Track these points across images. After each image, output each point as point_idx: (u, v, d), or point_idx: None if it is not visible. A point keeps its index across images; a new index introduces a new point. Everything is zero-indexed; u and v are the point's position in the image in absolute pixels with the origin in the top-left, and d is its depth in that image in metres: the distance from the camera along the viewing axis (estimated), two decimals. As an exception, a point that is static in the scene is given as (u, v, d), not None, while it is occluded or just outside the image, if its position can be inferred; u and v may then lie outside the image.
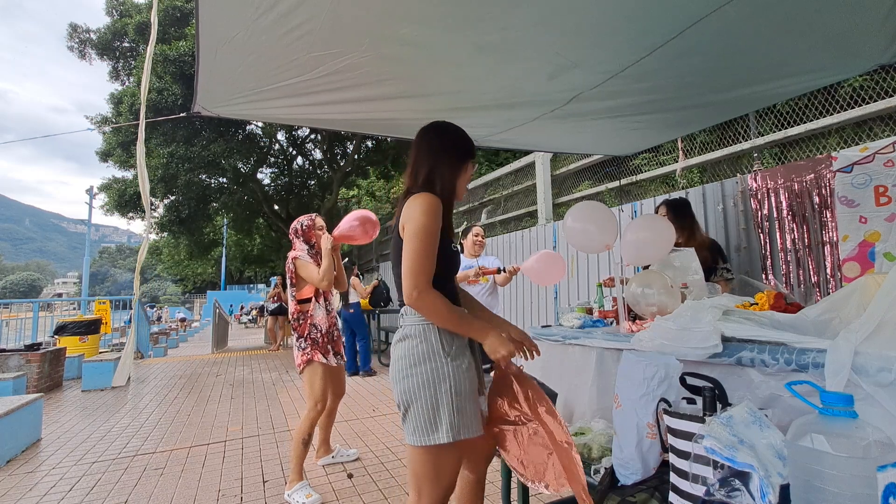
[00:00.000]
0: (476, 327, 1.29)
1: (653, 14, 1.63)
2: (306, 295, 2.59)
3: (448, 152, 1.39)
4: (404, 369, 1.27)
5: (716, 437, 0.89)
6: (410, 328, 1.30)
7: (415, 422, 1.24)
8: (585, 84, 2.17)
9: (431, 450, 1.24)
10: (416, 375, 1.25)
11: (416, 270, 1.23)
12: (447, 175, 1.38)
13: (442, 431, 1.21)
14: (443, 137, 1.42)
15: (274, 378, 6.14)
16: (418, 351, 1.27)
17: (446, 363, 1.25)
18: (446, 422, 1.22)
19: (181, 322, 19.06)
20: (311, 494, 2.39)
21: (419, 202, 1.28)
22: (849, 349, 1.07)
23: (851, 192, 2.42)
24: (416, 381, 1.25)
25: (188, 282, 35.31)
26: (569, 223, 2.26)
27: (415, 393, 1.24)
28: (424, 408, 1.23)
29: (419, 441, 1.24)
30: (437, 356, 1.26)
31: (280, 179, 13.62)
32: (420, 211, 1.26)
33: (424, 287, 1.23)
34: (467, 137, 1.45)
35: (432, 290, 1.24)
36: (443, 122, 1.45)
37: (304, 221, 2.68)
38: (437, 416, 1.22)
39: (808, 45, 1.90)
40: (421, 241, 1.24)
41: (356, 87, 2.07)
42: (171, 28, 9.87)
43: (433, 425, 1.22)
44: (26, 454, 3.28)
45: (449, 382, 1.24)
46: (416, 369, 1.25)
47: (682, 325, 1.46)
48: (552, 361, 2.18)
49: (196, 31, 1.60)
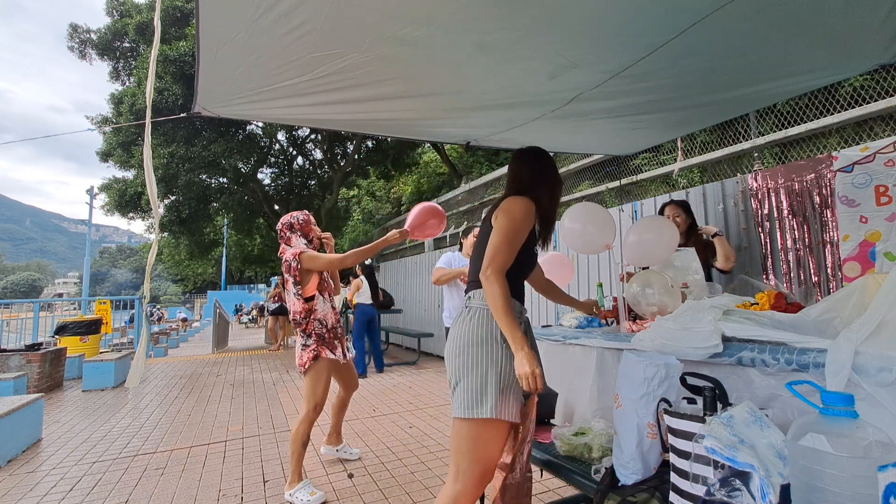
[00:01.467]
0: (517, 335, 1.32)
1: (653, 14, 1.63)
2: (311, 292, 2.55)
3: (552, 172, 1.59)
4: (462, 346, 1.39)
5: (716, 437, 0.89)
6: (475, 311, 1.43)
7: (463, 395, 1.35)
8: (586, 84, 2.17)
9: (475, 423, 1.33)
10: (472, 355, 1.37)
11: (495, 255, 1.37)
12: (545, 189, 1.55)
13: (487, 407, 1.31)
14: (548, 160, 1.61)
15: (274, 378, 6.14)
16: (477, 333, 1.39)
17: (500, 349, 1.36)
18: (491, 399, 1.32)
19: (182, 322, 19.07)
20: (314, 492, 2.39)
21: (517, 200, 1.45)
22: (849, 349, 1.07)
23: (852, 192, 2.41)
24: (471, 360, 1.36)
25: (188, 282, 35.31)
26: (566, 224, 2.26)
27: (468, 369, 1.36)
28: (474, 384, 1.34)
29: (465, 413, 1.33)
30: (493, 341, 1.37)
31: (280, 179, 13.63)
32: (517, 206, 1.43)
33: (498, 271, 1.36)
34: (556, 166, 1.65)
35: (503, 278, 1.36)
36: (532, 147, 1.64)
37: (300, 217, 2.67)
38: (485, 393, 1.32)
39: (809, 44, 1.90)
40: (508, 233, 1.39)
41: (356, 88, 2.07)
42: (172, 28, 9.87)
43: (480, 400, 1.32)
44: (27, 454, 3.28)
45: (500, 366, 1.35)
46: (473, 349, 1.37)
47: (682, 325, 1.46)
48: (552, 361, 2.18)
49: (196, 32, 1.60)
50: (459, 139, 3.13)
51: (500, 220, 1.43)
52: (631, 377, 1.24)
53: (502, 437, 1.36)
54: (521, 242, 1.42)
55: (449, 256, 3.46)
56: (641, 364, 1.22)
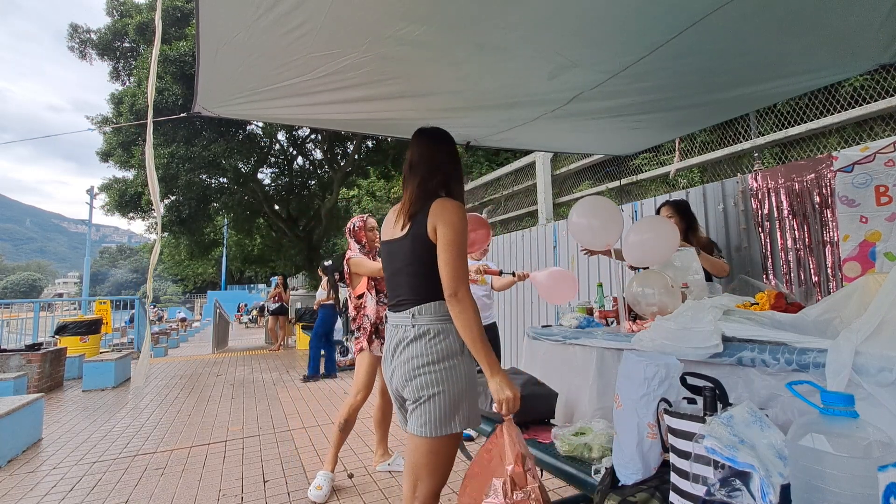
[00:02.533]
0: (493, 359, 1.31)
1: (653, 13, 1.63)
2: (360, 290, 2.75)
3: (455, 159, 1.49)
4: (423, 366, 1.33)
5: (716, 437, 0.89)
6: (426, 328, 1.35)
7: (431, 413, 1.30)
8: (586, 84, 2.17)
9: (443, 440, 1.31)
10: (438, 371, 1.31)
11: (459, 273, 1.31)
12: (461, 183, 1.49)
13: (457, 421, 1.30)
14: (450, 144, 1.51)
15: (274, 378, 6.14)
16: (439, 348, 1.33)
17: (465, 362, 1.35)
18: (462, 413, 1.31)
19: (181, 322, 19.06)
20: (321, 486, 2.45)
21: (456, 209, 1.36)
22: (850, 349, 1.07)
23: (852, 192, 2.41)
24: (438, 376, 1.31)
25: (188, 282, 35.28)
26: (574, 218, 2.26)
27: (435, 386, 1.30)
28: (446, 401, 1.30)
29: (434, 431, 1.29)
30: (458, 355, 1.34)
31: (280, 179, 13.62)
32: (458, 217, 1.35)
33: (467, 290, 1.31)
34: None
35: (472, 296, 1.32)
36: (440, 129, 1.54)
37: (356, 223, 2.83)
38: (456, 408, 1.30)
39: (809, 44, 1.90)
40: (460, 247, 1.33)
41: (356, 87, 2.07)
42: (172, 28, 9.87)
43: (451, 416, 1.30)
44: (27, 454, 3.28)
45: (466, 380, 1.34)
46: (438, 365, 1.32)
47: (682, 325, 1.46)
48: (552, 361, 2.18)
49: (196, 31, 1.60)
50: (459, 139, 3.13)
51: (446, 234, 1.33)
52: (631, 377, 1.24)
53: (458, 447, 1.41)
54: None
55: None
56: (641, 364, 1.22)
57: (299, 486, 2.60)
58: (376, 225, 2.85)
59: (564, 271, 2.83)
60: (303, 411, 4.32)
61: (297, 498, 2.47)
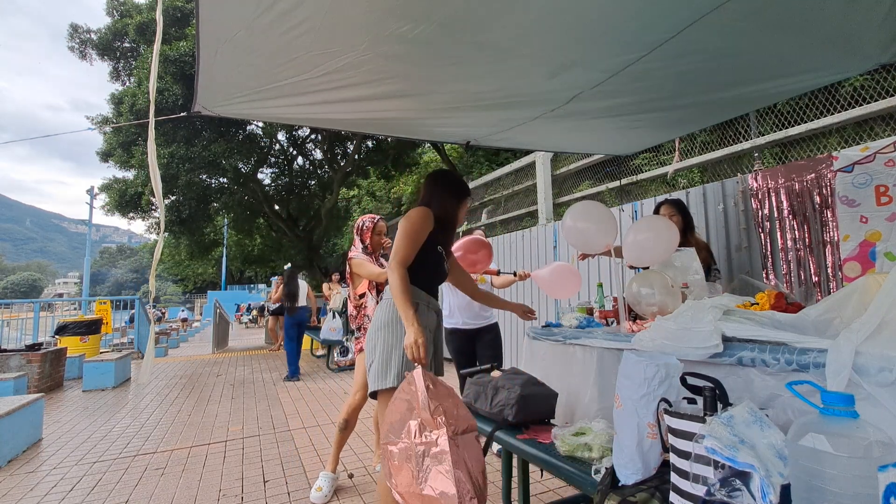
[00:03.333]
0: (409, 314, 1.54)
1: (653, 12, 1.63)
2: (362, 290, 2.75)
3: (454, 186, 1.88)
4: (374, 330, 1.69)
5: (716, 437, 0.89)
6: (385, 300, 1.73)
7: (374, 371, 1.63)
8: (586, 83, 2.17)
9: (385, 392, 1.58)
10: (380, 337, 1.65)
11: (396, 251, 1.66)
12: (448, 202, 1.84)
13: (390, 377, 1.59)
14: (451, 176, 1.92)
15: (275, 378, 6.14)
16: (384, 317, 1.68)
17: (402, 329, 1.58)
18: (394, 372, 1.59)
19: (181, 322, 19.06)
20: (321, 488, 2.45)
21: (416, 209, 1.74)
22: (850, 349, 1.06)
23: (852, 192, 2.41)
24: (381, 338, 1.65)
25: (189, 282, 35.28)
26: (567, 223, 2.26)
27: (377, 348, 1.64)
28: (381, 360, 1.62)
29: (375, 385, 1.62)
30: (398, 323, 1.62)
31: (280, 179, 13.62)
32: (414, 213, 1.72)
33: (399, 264, 1.62)
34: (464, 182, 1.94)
35: (403, 270, 1.62)
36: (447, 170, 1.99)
37: (366, 222, 2.79)
38: (389, 366, 1.60)
39: (809, 43, 1.90)
40: (407, 233, 1.67)
41: (356, 86, 2.07)
42: (172, 28, 9.87)
43: (384, 373, 1.60)
44: (27, 454, 3.28)
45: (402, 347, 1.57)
46: (380, 332, 1.66)
47: (682, 325, 1.46)
48: (553, 361, 2.18)
49: (196, 30, 1.60)
50: (459, 139, 3.13)
51: (401, 224, 1.70)
52: (631, 377, 1.24)
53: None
54: (419, 241, 1.68)
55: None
56: (642, 364, 1.22)
57: (299, 487, 2.60)
58: (385, 229, 2.83)
59: (567, 265, 2.82)
60: (303, 411, 4.32)
61: (297, 498, 2.47)
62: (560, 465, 1.43)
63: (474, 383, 1.99)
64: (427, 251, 1.73)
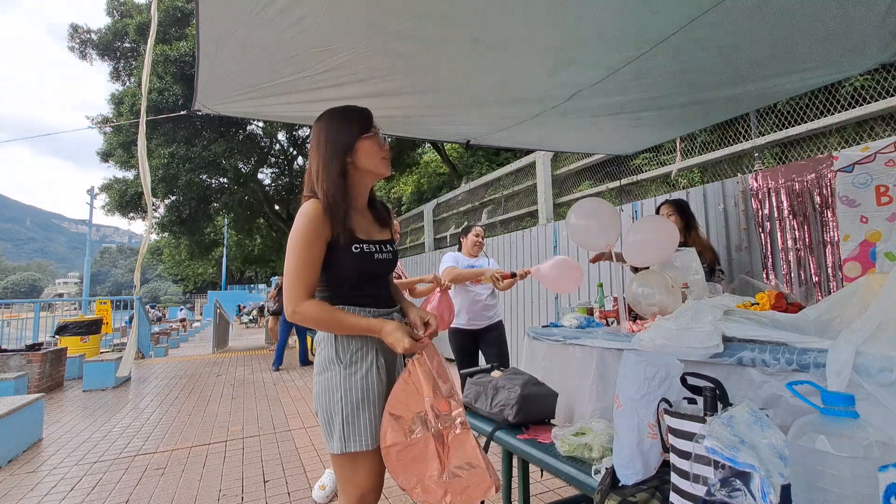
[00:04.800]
0: (364, 325, 1.22)
1: (653, 9, 1.63)
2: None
3: (328, 143, 1.27)
4: (314, 377, 1.29)
5: (717, 437, 0.89)
6: (319, 336, 1.30)
7: (322, 428, 1.26)
8: (586, 80, 2.17)
9: (335, 458, 1.24)
10: (318, 384, 1.26)
11: (288, 286, 1.19)
12: (331, 168, 1.25)
13: (335, 441, 1.21)
14: (321, 129, 1.30)
15: (275, 378, 6.14)
16: (320, 359, 1.28)
17: (339, 371, 1.23)
18: (337, 432, 1.20)
19: (182, 322, 19.06)
20: (324, 486, 2.44)
21: (298, 214, 1.24)
22: (850, 349, 1.06)
23: (852, 192, 2.41)
24: (318, 389, 1.26)
25: (189, 282, 35.34)
26: (572, 220, 2.26)
27: (316, 401, 1.26)
28: (323, 417, 1.24)
29: (326, 447, 1.25)
30: (332, 364, 1.24)
31: (280, 179, 13.64)
32: (296, 222, 1.21)
33: (299, 301, 1.19)
34: (345, 114, 1.32)
35: (307, 302, 1.19)
36: (327, 109, 1.34)
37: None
38: (332, 426, 1.22)
39: (809, 41, 1.90)
40: (293, 255, 1.19)
41: (355, 84, 2.07)
42: (172, 28, 9.88)
43: (329, 434, 1.22)
44: (27, 454, 3.28)
45: (340, 392, 1.21)
46: (318, 378, 1.26)
47: (682, 325, 1.46)
48: (553, 361, 2.18)
49: (196, 28, 1.60)
50: (459, 138, 3.13)
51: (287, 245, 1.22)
52: (631, 377, 1.23)
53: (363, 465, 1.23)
54: (314, 256, 1.20)
55: (454, 256, 3.35)
56: (642, 364, 1.22)
57: (300, 486, 2.60)
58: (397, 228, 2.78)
59: (568, 259, 2.76)
60: (303, 411, 4.32)
61: (297, 498, 2.46)
62: (560, 466, 1.43)
63: (474, 383, 1.99)
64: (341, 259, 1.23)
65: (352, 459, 1.22)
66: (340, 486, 1.26)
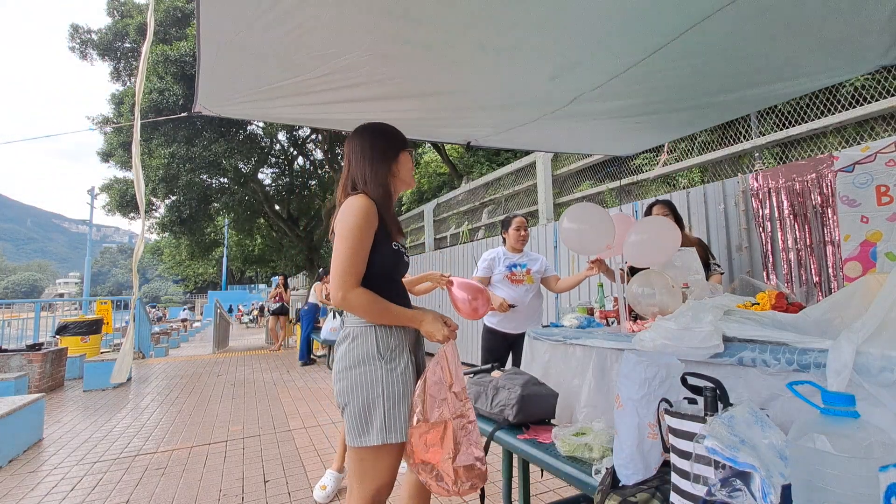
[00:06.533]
0: (409, 316, 1.32)
1: (654, 15, 1.63)
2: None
3: (376, 151, 1.41)
4: (342, 371, 1.30)
5: (717, 437, 0.89)
6: (351, 329, 1.33)
7: (349, 422, 1.28)
8: (587, 85, 2.17)
9: (362, 451, 1.27)
10: (352, 378, 1.28)
11: (341, 271, 1.25)
12: (379, 174, 1.39)
13: (373, 434, 1.24)
14: (367, 138, 1.43)
15: (275, 378, 6.15)
16: (356, 353, 1.30)
17: (380, 366, 1.28)
18: (377, 424, 1.25)
19: (182, 322, 19.07)
20: (325, 486, 2.44)
21: (349, 204, 1.31)
22: (851, 349, 1.06)
23: (853, 192, 2.41)
24: (352, 383, 1.28)
25: (189, 282, 35.32)
26: (564, 225, 2.26)
27: (350, 394, 1.27)
28: (358, 410, 1.26)
29: (352, 442, 1.27)
30: (372, 359, 1.28)
31: (281, 179, 13.66)
32: (348, 213, 1.29)
33: (350, 287, 1.25)
34: (392, 131, 1.48)
35: (358, 289, 1.26)
36: (369, 123, 1.47)
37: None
38: (370, 419, 1.25)
39: (810, 46, 1.90)
40: (347, 242, 1.26)
41: (357, 87, 2.07)
42: (172, 28, 9.88)
43: (365, 427, 1.25)
44: (28, 454, 3.28)
45: (382, 386, 1.26)
46: (353, 371, 1.28)
47: (683, 325, 1.46)
48: (553, 361, 2.18)
49: (197, 30, 1.60)
50: (460, 139, 3.14)
51: (336, 233, 1.30)
52: (631, 377, 1.23)
53: (386, 459, 1.29)
54: (365, 247, 1.28)
55: (494, 254, 3.08)
56: (642, 364, 1.22)
57: (300, 486, 2.60)
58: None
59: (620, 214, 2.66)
60: (303, 411, 4.32)
61: (297, 498, 2.47)
62: (560, 466, 1.43)
63: (475, 383, 1.99)
64: (382, 253, 1.33)
65: (377, 452, 1.26)
66: (356, 481, 1.29)
